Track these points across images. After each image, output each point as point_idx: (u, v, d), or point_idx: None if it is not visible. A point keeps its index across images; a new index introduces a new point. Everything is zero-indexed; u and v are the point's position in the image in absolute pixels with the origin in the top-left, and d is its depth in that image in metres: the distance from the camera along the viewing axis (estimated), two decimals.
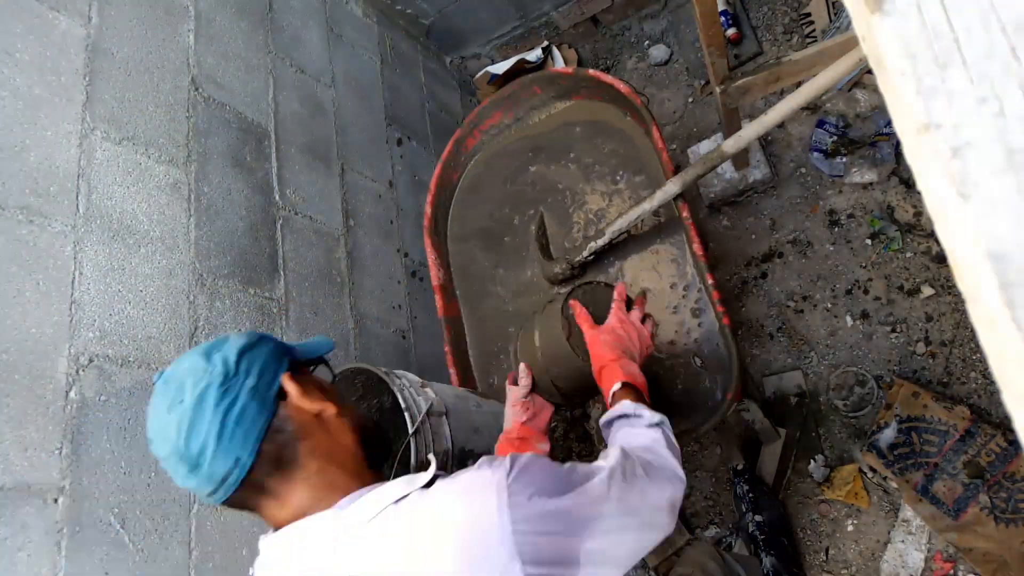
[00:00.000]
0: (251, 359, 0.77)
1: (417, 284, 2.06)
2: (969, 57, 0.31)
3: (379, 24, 2.34)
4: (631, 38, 2.64)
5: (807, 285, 2.01)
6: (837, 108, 2.08)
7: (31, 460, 1.01)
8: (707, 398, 1.45)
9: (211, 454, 0.72)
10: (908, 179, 1.95)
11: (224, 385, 0.73)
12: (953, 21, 0.32)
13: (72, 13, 1.29)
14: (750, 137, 1.37)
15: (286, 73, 1.81)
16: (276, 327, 1.51)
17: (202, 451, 0.72)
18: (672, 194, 1.42)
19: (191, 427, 0.72)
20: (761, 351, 2.01)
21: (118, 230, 1.24)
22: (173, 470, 0.75)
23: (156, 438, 0.75)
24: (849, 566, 1.73)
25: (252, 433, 0.73)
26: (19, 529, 0.97)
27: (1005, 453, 1.56)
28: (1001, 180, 0.29)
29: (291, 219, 1.66)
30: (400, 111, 2.29)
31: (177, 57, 1.49)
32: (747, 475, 1.75)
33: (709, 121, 2.34)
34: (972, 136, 0.30)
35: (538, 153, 1.80)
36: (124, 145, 1.31)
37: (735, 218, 2.18)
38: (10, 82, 1.15)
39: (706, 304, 1.48)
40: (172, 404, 0.73)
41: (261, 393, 0.75)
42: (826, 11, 2.18)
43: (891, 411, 1.73)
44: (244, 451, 0.73)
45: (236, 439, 0.72)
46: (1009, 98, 0.30)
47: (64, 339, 1.10)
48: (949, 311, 1.81)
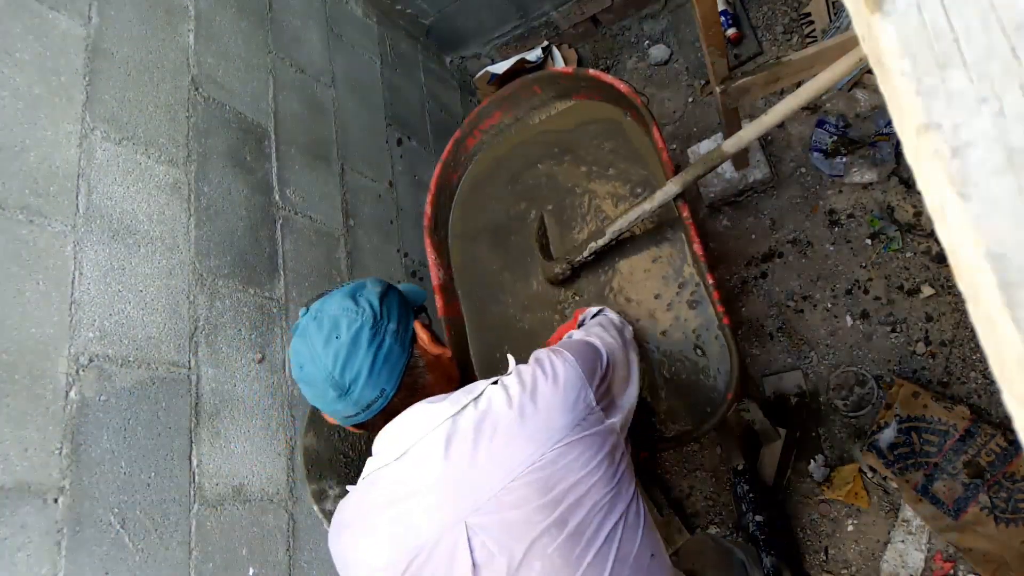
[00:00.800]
0: (389, 305, 0.90)
1: (417, 284, 2.06)
2: (969, 57, 0.31)
3: (379, 24, 2.34)
4: (631, 38, 2.64)
5: (807, 285, 2.01)
6: (837, 108, 2.08)
7: (31, 460, 1.01)
8: (707, 398, 1.45)
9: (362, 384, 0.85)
10: (908, 179, 1.95)
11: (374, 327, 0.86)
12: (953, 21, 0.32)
13: (72, 13, 1.28)
14: (750, 137, 1.37)
15: (286, 73, 1.81)
16: (276, 327, 1.51)
17: (355, 380, 0.85)
18: (672, 194, 1.42)
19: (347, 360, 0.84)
20: (761, 351, 2.01)
21: (118, 230, 1.24)
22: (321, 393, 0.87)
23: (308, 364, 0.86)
24: (849, 566, 1.73)
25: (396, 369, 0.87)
26: (19, 529, 0.97)
27: (1005, 453, 1.56)
28: (1001, 180, 0.29)
29: (291, 219, 1.66)
30: (400, 111, 2.29)
31: (177, 57, 1.49)
32: (747, 475, 1.75)
33: (709, 121, 2.34)
34: (972, 136, 0.30)
35: (538, 153, 1.80)
36: (124, 145, 1.31)
37: (735, 218, 2.18)
38: (10, 82, 1.15)
39: (703, 297, 1.48)
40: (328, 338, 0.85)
41: (401, 336, 0.89)
42: (826, 11, 2.18)
43: (891, 411, 1.73)
44: (389, 383, 0.87)
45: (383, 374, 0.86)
46: (1009, 98, 0.30)
47: (64, 339, 1.10)
48: (949, 311, 1.81)
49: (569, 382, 0.85)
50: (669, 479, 2.02)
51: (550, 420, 0.81)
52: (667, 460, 2.04)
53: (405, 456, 0.85)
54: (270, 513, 1.33)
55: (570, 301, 1.68)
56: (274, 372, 1.46)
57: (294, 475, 1.41)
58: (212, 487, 1.24)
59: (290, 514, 1.37)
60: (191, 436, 1.24)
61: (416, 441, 0.84)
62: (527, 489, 0.78)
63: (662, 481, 2.01)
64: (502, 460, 0.79)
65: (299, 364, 0.88)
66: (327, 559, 1.42)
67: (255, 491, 1.32)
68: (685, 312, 1.52)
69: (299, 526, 1.38)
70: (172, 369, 1.25)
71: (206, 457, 1.25)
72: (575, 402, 0.84)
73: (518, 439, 0.80)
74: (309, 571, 1.37)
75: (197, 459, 1.24)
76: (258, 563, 1.27)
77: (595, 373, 0.90)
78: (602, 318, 1.18)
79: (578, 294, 1.67)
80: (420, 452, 0.83)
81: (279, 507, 1.36)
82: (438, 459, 0.81)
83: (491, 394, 0.85)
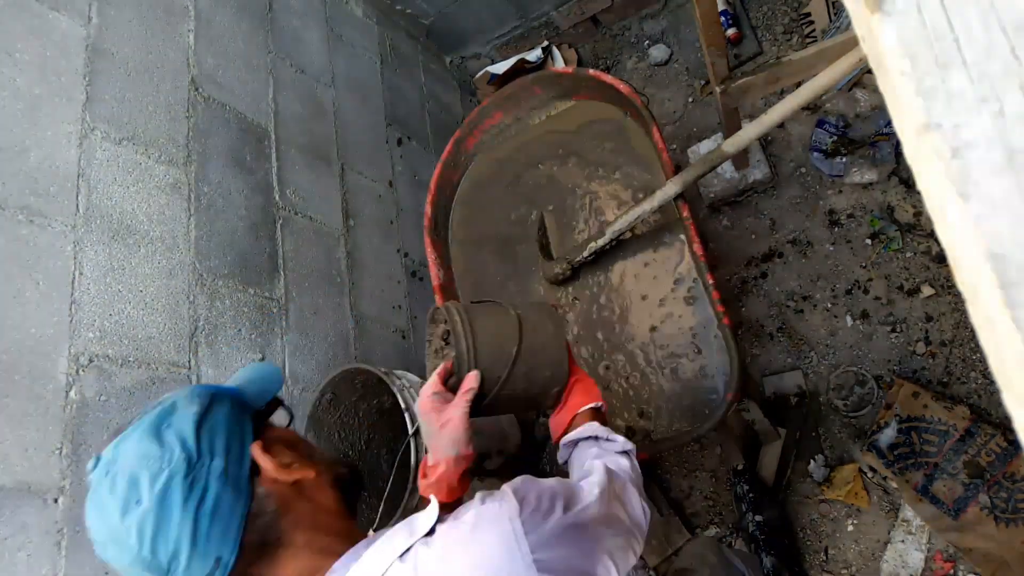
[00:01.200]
0: (211, 431, 0.67)
1: (417, 284, 2.06)
2: (969, 57, 0.31)
3: (379, 24, 2.34)
4: (631, 38, 2.64)
5: (807, 285, 2.02)
6: (837, 108, 2.08)
7: (31, 460, 1.01)
8: (707, 398, 1.45)
9: (185, 560, 0.62)
10: (908, 179, 1.95)
11: (189, 475, 0.63)
12: (953, 21, 0.32)
13: (72, 13, 1.29)
14: (750, 137, 1.37)
15: (286, 73, 1.81)
16: (276, 327, 1.51)
17: (174, 557, 0.62)
18: (672, 194, 1.42)
19: (156, 532, 0.61)
20: (761, 351, 2.01)
21: (118, 230, 1.24)
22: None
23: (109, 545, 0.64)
24: (849, 566, 1.73)
25: (232, 526, 0.64)
26: (19, 529, 0.97)
27: (1005, 453, 1.56)
28: (1001, 180, 0.29)
29: (291, 219, 1.66)
30: (400, 111, 2.29)
31: (177, 57, 1.49)
32: (747, 475, 1.75)
33: (709, 121, 2.34)
34: (972, 136, 0.30)
35: (538, 154, 1.80)
36: (124, 145, 1.31)
37: (735, 218, 2.18)
38: (11, 82, 1.15)
39: (702, 296, 1.48)
40: (127, 506, 0.62)
41: (233, 475, 0.66)
42: (826, 11, 2.18)
43: (891, 411, 1.73)
44: (224, 549, 0.64)
45: (214, 538, 0.63)
46: (1009, 98, 0.30)
47: (64, 339, 1.10)
48: (949, 311, 1.81)
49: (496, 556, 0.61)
50: (669, 479, 2.02)
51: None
52: (667, 460, 2.04)
53: None
54: None
55: (570, 301, 1.68)
56: None
57: None
58: None
59: None
60: None
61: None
62: None
63: (662, 481, 2.01)
64: None
65: (100, 544, 0.65)
66: None
67: None
68: (684, 312, 1.52)
69: None
70: (172, 369, 1.25)
71: None
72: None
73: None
74: None
75: None
76: None
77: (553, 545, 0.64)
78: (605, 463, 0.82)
79: (578, 296, 1.67)
80: None
81: None
82: None
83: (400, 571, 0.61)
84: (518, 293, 1.75)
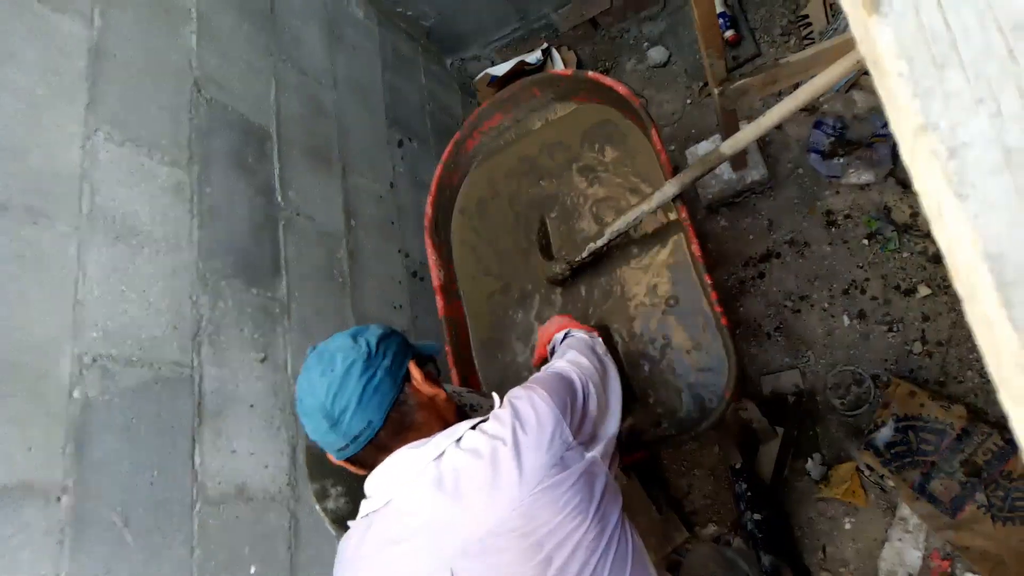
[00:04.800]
0: (387, 345, 0.94)
1: (418, 284, 2.06)
2: (966, 58, 0.31)
3: (380, 26, 2.35)
4: (630, 40, 2.65)
5: (804, 285, 2.02)
6: (835, 109, 2.09)
7: (34, 459, 1.01)
8: (705, 397, 1.46)
9: (351, 415, 0.88)
10: (905, 180, 1.96)
11: (367, 362, 0.90)
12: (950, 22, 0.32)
13: (75, 15, 1.29)
14: (748, 139, 1.38)
15: (288, 75, 1.81)
16: (278, 327, 1.51)
17: (344, 411, 0.88)
18: (670, 195, 1.42)
19: (338, 391, 0.88)
20: (759, 351, 2.02)
21: (121, 231, 1.25)
22: (315, 424, 0.90)
23: (306, 395, 0.91)
24: (847, 564, 1.73)
25: (384, 402, 0.90)
26: (22, 528, 0.97)
27: (1002, 452, 1.57)
28: (998, 180, 0.29)
29: (293, 220, 1.66)
30: (401, 113, 2.29)
31: (179, 59, 1.49)
32: (745, 474, 1.76)
33: (707, 123, 2.35)
34: (969, 136, 0.30)
35: (538, 155, 1.81)
36: (127, 146, 1.31)
37: (733, 219, 2.19)
38: (13, 84, 1.15)
39: (701, 297, 1.49)
40: (324, 371, 0.89)
41: (393, 373, 0.92)
42: (824, 13, 2.20)
43: (888, 410, 1.74)
44: (377, 415, 0.89)
45: (371, 405, 0.89)
46: (1006, 98, 0.30)
47: (67, 339, 1.11)
48: (946, 311, 1.82)
49: (544, 421, 0.86)
50: (668, 478, 2.02)
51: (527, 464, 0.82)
52: (666, 459, 2.05)
53: (392, 503, 0.87)
54: (272, 512, 1.34)
55: (569, 301, 1.68)
56: (276, 372, 1.46)
57: (296, 474, 1.41)
58: (214, 486, 1.25)
59: (292, 513, 1.38)
60: (194, 435, 1.25)
61: (401, 488, 0.86)
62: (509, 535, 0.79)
63: (661, 479, 2.01)
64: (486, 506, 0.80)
65: (299, 397, 0.93)
66: (328, 558, 1.42)
67: (257, 490, 1.32)
68: (683, 312, 1.52)
69: (301, 525, 1.39)
70: (175, 369, 1.26)
71: (208, 456, 1.26)
72: (551, 441, 0.84)
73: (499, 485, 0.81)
74: (310, 569, 1.38)
75: (200, 458, 1.24)
76: (260, 562, 1.28)
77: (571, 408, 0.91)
78: (573, 341, 1.16)
79: (577, 296, 1.67)
80: (406, 499, 0.86)
81: (281, 506, 1.36)
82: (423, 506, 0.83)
83: (471, 438, 0.86)
84: (518, 293, 1.75)
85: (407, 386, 0.94)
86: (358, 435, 0.89)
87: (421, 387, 0.95)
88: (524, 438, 0.84)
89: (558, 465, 0.83)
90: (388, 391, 0.90)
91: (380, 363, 0.91)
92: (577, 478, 0.83)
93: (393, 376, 0.92)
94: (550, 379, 0.95)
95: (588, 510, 0.82)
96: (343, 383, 0.88)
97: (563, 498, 0.81)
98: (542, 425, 0.85)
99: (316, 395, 0.89)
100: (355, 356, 0.90)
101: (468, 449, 0.85)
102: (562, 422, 0.87)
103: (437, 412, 0.97)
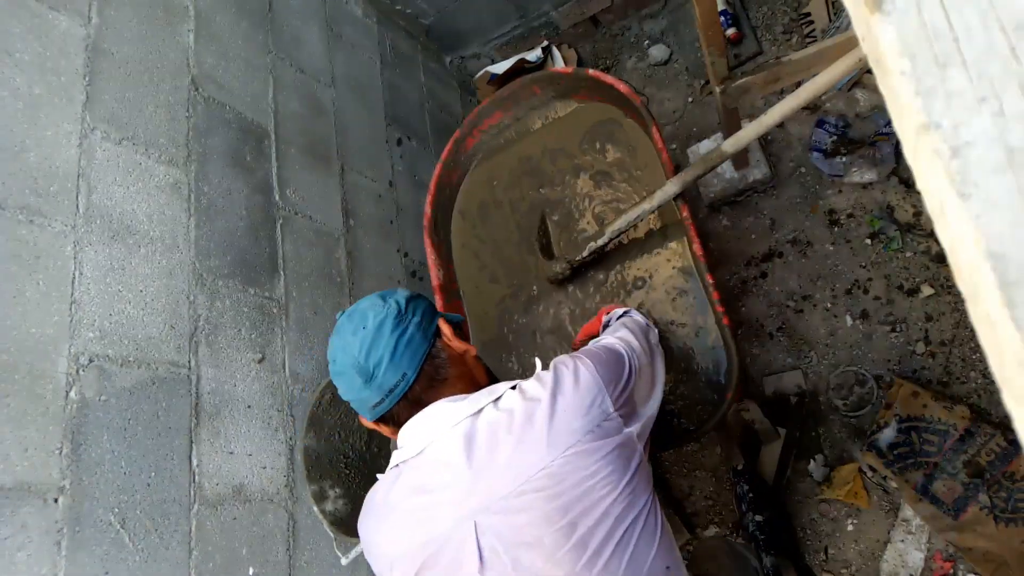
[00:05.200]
0: (415, 305, 0.96)
1: (417, 284, 2.06)
2: (969, 57, 0.31)
3: (379, 24, 2.34)
4: (631, 38, 2.64)
5: (807, 285, 2.02)
6: (837, 108, 2.08)
7: (31, 460, 1.01)
8: (707, 398, 1.45)
9: (384, 368, 0.89)
10: (908, 179, 1.95)
11: (398, 318, 0.92)
12: (953, 21, 0.32)
13: (72, 13, 1.28)
14: (750, 137, 1.37)
15: (286, 73, 1.81)
16: (276, 326, 1.51)
17: (378, 364, 0.89)
18: (672, 194, 1.42)
19: (371, 346, 0.90)
20: (761, 351, 2.02)
21: (118, 230, 1.24)
22: (349, 382, 0.92)
23: (339, 354, 0.93)
24: (849, 565, 1.73)
25: (417, 355, 0.92)
26: (19, 529, 0.97)
27: (1005, 453, 1.56)
28: (1001, 179, 0.29)
29: (291, 219, 1.66)
30: (400, 111, 2.29)
31: (177, 57, 1.49)
32: (747, 475, 1.75)
33: (709, 121, 2.34)
34: (972, 135, 0.30)
35: (538, 154, 1.80)
36: (124, 145, 1.31)
37: (735, 218, 2.18)
38: (10, 82, 1.15)
39: (702, 297, 1.48)
40: (356, 329, 0.92)
41: (424, 328, 0.94)
42: (826, 11, 2.18)
43: (891, 411, 1.73)
44: (410, 368, 0.91)
45: (405, 358, 0.90)
46: (1009, 97, 0.30)
47: (64, 339, 1.10)
48: (949, 310, 1.81)
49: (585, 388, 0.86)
50: (669, 479, 2.02)
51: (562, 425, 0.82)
52: (667, 459, 2.04)
53: (424, 452, 0.88)
54: (270, 513, 1.33)
55: (569, 301, 1.68)
56: (274, 372, 1.46)
57: (294, 475, 1.41)
58: (212, 487, 1.24)
59: (290, 514, 1.37)
60: (191, 436, 1.24)
61: (435, 438, 0.87)
62: (536, 495, 0.79)
63: (662, 480, 2.01)
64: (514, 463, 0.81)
65: (332, 358, 0.95)
66: (328, 559, 1.42)
67: (255, 491, 1.32)
68: (684, 312, 1.52)
69: (299, 526, 1.38)
70: (172, 369, 1.25)
71: (206, 457, 1.25)
72: (589, 407, 0.85)
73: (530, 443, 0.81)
74: (309, 571, 1.37)
75: (197, 459, 1.24)
76: (258, 563, 1.27)
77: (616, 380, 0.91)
78: (628, 320, 1.18)
79: (577, 296, 1.67)
80: (439, 449, 0.87)
81: (279, 507, 1.36)
82: (454, 458, 0.84)
83: (509, 397, 0.87)
84: (526, 297, 1.75)
85: (438, 341, 0.96)
86: (393, 388, 0.90)
87: (451, 342, 0.98)
88: (562, 400, 0.84)
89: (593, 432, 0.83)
90: (420, 344, 0.92)
91: (411, 319, 0.93)
92: (612, 448, 0.83)
93: (424, 331, 0.94)
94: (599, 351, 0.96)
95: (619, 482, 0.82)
96: (376, 338, 0.90)
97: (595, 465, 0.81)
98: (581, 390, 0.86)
99: (349, 352, 0.91)
100: (386, 313, 0.92)
101: (505, 408, 0.85)
102: (604, 391, 0.87)
103: (468, 368, 1.00)
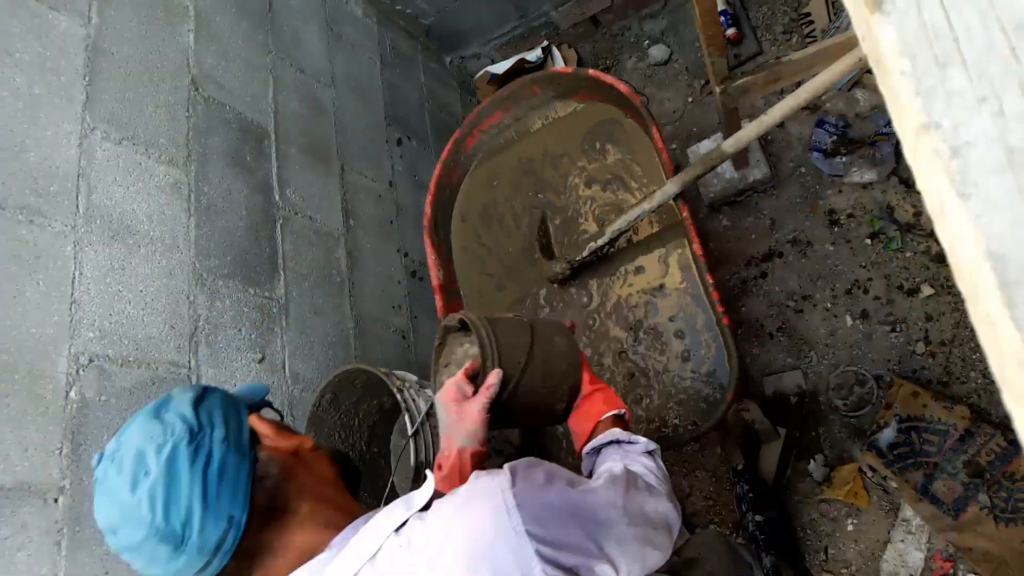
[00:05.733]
0: (208, 409, 0.70)
1: (417, 284, 2.06)
2: (969, 57, 0.31)
3: (379, 24, 2.34)
4: (631, 38, 2.64)
5: (807, 285, 2.02)
6: (837, 108, 2.08)
7: (31, 460, 1.01)
8: (707, 398, 1.45)
9: (199, 522, 0.63)
10: (908, 179, 1.95)
11: (193, 442, 0.65)
12: (953, 21, 0.32)
13: (72, 13, 1.29)
14: (750, 137, 1.37)
15: (286, 73, 1.81)
16: (276, 327, 1.51)
17: (187, 521, 0.63)
18: (672, 194, 1.42)
19: (168, 497, 0.63)
20: (761, 351, 2.01)
21: (118, 230, 1.24)
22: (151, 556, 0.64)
23: (122, 526, 0.64)
24: (849, 565, 1.73)
25: (239, 486, 0.66)
26: (19, 529, 0.97)
27: (1005, 453, 1.56)
28: (1001, 179, 0.29)
29: (291, 219, 1.66)
30: (400, 111, 2.29)
31: (177, 57, 1.49)
32: (747, 475, 1.75)
33: (709, 121, 2.34)
34: (972, 135, 0.30)
35: (538, 154, 1.80)
36: (124, 145, 1.31)
37: (735, 218, 2.18)
38: (10, 82, 1.15)
39: (702, 297, 1.48)
40: (135, 480, 0.63)
41: (234, 441, 0.68)
42: (826, 11, 2.18)
43: (891, 411, 1.73)
44: (235, 507, 0.65)
45: (224, 497, 0.65)
46: (1008, 98, 0.30)
47: (64, 339, 1.10)
48: (949, 310, 1.81)
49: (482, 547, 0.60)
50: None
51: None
52: (667, 459, 2.04)
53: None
54: None
55: (570, 300, 1.68)
56: (274, 372, 1.46)
57: None
58: None
59: None
60: None
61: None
62: None
63: None
64: None
65: (111, 529, 0.65)
66: None
67: None
68: (684, 312, 1.52)
69: None
70: (172, 369, 1.25)
71: None
72: None
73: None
74: None
75: None
76: None
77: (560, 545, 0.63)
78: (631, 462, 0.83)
79: (578, 296, 1.67)
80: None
81: None
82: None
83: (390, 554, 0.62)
84: (518, 293, 1.75)
85: (260, 452, 0.71)
86: (219, 543, 0.64)
87: (278, 444, 0.72)
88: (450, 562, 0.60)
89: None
90: (238, 469, 0.67)
91: (211, 436, 0.67)
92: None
93: (236, 446, 0.68)
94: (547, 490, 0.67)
95: None
96: (169, 485, 0.63)
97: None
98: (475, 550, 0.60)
99: (137, 519, 0.62)
100: (172, 441, 0.65)
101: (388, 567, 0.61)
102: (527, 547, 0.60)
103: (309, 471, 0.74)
